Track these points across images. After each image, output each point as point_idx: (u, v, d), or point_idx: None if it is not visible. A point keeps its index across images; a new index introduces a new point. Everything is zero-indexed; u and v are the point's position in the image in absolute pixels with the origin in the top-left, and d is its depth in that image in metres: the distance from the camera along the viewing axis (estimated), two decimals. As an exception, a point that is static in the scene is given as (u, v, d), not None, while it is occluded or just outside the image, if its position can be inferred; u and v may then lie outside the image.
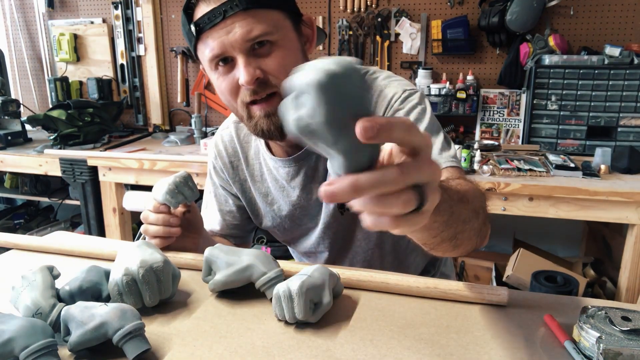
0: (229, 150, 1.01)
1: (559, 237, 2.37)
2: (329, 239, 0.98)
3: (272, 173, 0.97)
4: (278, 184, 0.97)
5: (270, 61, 0.77)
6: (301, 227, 1.00)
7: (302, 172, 0.93)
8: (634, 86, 1.95)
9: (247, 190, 1.02)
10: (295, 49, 0.81)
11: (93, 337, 0.55)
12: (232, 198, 1.04)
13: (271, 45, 0.77)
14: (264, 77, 0.77)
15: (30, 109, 2.76)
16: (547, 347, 0.58)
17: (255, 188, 1.00)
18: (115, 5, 2.68)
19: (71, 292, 0.64)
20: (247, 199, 1.03)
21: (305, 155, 0.91)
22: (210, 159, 1.06)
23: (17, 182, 2.73)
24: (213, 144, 1.05)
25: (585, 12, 2.14)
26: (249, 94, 0.78)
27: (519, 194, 1.69)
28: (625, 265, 1.68)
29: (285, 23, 0.79)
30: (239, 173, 1.01)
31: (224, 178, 1.03)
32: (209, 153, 1.07)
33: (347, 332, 0.61)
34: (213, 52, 0.76)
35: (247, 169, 1.00)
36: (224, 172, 1.03)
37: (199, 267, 0.79)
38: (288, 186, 0.95)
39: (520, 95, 2.21)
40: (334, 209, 0.94)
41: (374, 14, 2.35)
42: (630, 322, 0.54)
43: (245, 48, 0.75)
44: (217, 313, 0.66)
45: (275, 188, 0.97)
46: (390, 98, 0.86)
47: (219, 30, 0.75)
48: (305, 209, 0.96)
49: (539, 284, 1.61)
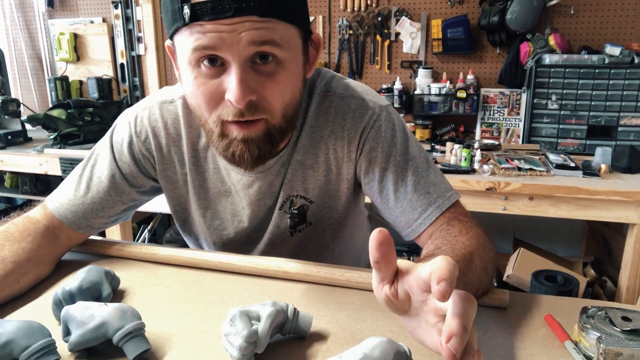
0: (169, 131, 0.82)
1: (559, 237, 2.37)
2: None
3: (221, 173, 0.84)
4: (224, 186, 0.85)
5: (270, 85, 0.65)
6: (237, 241, 0.89)
7: (256, 186, 0.82)
8: (634, 85, 1.94)
9: (178, 182, 0.86)
10: (298, 74, 0.70)
11: (93, 337, 0.55)
12: (135, 192, 0.85)
13: (276, 65, 0.65)
14: (257, 100, 0.65)
15: (30, 108, 2.76)
16: (547, 347, 0.58)
17: (194, 184, 0.85)
18: (115, 5, 2.68)
19: (71, 292, 0.64)
20: (174, 194, 0.87)
21: (266, 169, 0.81)
22: (121, 135, 0.84)
23: (17, 182, 2.72)
24: (135, 118, 0.83)
25: (586, 12, 2.14)
26: (233, 114, 0.65)
27: (519, 193, 1.69)
28: (625, 264, 1.68)
29: (297, 42, 0.68)
30: (174, 160, 0.84)
31: (140, 164, 0.84)
32: (122, 127, 0.84)
33: (347, 333, 0.61)
34: (202, 42, 0.61)
35: (192, 159, 0.83)
36: (147, 157, 0.84)
37: (197, 266, 0.79)
38: (236, 194, 0.84)
39: (521, 94, 2.21)
40: (283, 229, 0.86)
41: (374, 13, 2.35)
42: (630, 322, 0.54)
43: (246, 55, 0.62)
44: (217, 313, 0.66)
45: (218, 190, 0.85)
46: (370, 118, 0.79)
47: (221, 24, 0.60)
48: (249, 223, 0.86)
49: (539, 284, 1.60)
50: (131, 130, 0.83)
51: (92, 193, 0.83)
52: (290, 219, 0.86)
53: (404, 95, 2.32)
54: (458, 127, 2.32)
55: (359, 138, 0.80)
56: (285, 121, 0.70)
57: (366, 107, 0.80)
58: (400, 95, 2.31)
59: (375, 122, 0.79)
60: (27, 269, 0.72)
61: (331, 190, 0.85)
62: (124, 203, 0.86)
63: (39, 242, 0.76)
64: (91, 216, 0.83)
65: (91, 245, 0.86)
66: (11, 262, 0.70)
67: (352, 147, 0.80)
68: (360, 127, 0.79)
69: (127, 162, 0.84)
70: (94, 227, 0.84)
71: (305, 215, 0.86)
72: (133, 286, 0.74)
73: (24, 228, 0.76)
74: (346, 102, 0.80)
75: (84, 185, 0.84)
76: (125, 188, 0.84)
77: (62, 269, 0.80)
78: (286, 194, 0.84)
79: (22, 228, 0.76)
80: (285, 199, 0.84)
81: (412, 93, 2.32)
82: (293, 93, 0.70)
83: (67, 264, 0.82)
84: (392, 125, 0.80)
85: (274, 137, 0.70)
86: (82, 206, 0.82)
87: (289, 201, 0.84)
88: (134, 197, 0.86)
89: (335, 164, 0.82)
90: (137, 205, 0.90)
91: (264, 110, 0.66)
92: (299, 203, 0.85)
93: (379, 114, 0.80)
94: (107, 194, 0.83)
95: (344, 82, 0.83)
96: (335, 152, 0.81)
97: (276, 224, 0.86)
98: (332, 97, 0.81)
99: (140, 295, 0.72)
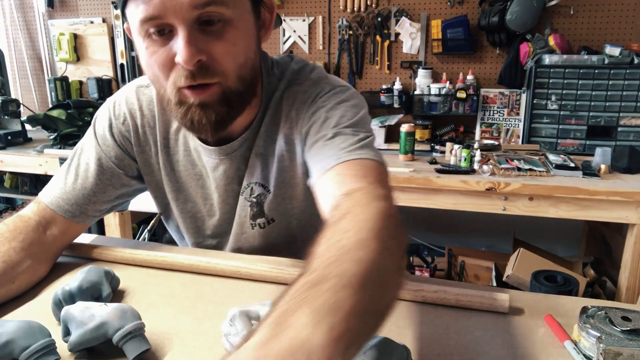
0: (144, 113, 0.84)
1: (559, 237, 2.37)
2: (237, 249, 0.88)
3: (192, 156, 0.84)
4: (195, 169, 0.85)
5: (219, 45, 0.64)
6: (210, 229, 0.89)
7: (221, 169, 0.82)
8: (634, 86, 1.95)
9: (154, 166, 0.87)
10: (249, 34, 0.69)
11: (93, 337, 0.55)
12: (123, 175, 0.86)
13: (223, 24, 0.64)
14: (208, 61, 0.64)
15: (30, 108, 2.76)
16: (547, 347, 0.58)
17: (166, 167, 0.86)
18: (115, 5, 2.68)
19: (71, 292, 0.64)
20: (151, 179, 0.88)
21: (231, 150, 0.80)
22: (102, 121, 0.85)
23: (17, 182, 2.73)
24: (114, 103, 0.85)
25: (586, 12, 2.14)
26: (185, 77, 0.64)
27: (519, 193, 1.69)
28: (625, 265, 1.68)
29: (244, 1, 0.67)
30: (149, 143, 0.85)
31: (123, 147, 0.85)
32: (102, 114, 0.86)
33: (347, 332, 0.61)
34: (147, 13, 0.61)
35: (163, 141, 0.84)
36: (127, 138, 0.85)
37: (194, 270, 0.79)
38: (206, 177, 0.85)
39: (520, 94, 2.21)
40: (244, 218, 0.85)
41: (374, 14, 2.35)
42: (630, 322, 0.54)
43: (190, 18, 0.61)
44: (217, 313, 0.66)
45: (189, 173, 0.86)
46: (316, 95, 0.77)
47: None
48: (219, 208, 0.86)
49: (539, 284, 1.60)
50: (110, 114, 0.85)
51: (81, 179, 0.83)
52: (250, 207, 0.85)
53: (403, 95, 2.32)
54: (458, 127, 2.33)
55: (304, 114, 0.76)
56: (242, 83, 0.69)
57: (318, 85, 0.78)
58: (400, 95, 2.31)
59: (319, 96, 0.76)
60: (20, 268, 0.72)
61: (287, 179, 0.83)
62: (115, 188, 0.86)
63: (31, 240, 0.75)
64: (84, 202, 0.83)
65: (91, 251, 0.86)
66: (2, 262, 0.70)
67: (298, 127, 0.78)
68: (307, 104, 0.77)
69: (110, 145, 0.85)
70: (89, 214, 0.83)
71: (263, 207, 0.85)
72: (133, 286, 0.74)
73: (14, 227, 0.76)
74: (303, 87, 0.79)
75: (73, 173, 0.84)
76: (115, 171, 0.85)
77: (61, 269, 0.80)
78: (247, 180, 0.84)
79: (13, 227, 0.76)
80: (246, 185, 0.84)
81: (412, 93, 2.32)
82: (246, 53, 0.69)
83: (67, 264, 0.82)
84: (339, 100, 0.76)
85: (230, 100, 0.69)
86: (73, 193, 0.82)
87: (249, 188, 0.84)
88: (124, 181, 0.86)
89: (287, 149, 0.81)
90: (131, 193, 0.90)
91: (215, 72, 0.65)
92: (257, 191, 0.84)
93: (328, 91, 0.77)
94: (97, 178, 0.83)
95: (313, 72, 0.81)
96: (288, 136, 0.80)
97: (239, 213, 0.86)
98: (299, 84, 0.79)
99: (140, 295, 0.72)
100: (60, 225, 0.81)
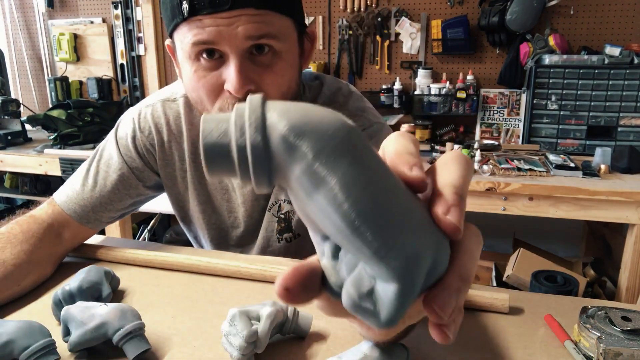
0: (171, 127, 0.84)
1: (559, 237, 2.37)
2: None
3: None
4: (221, 183, 0.86)
5: (268, 76, 0.67)
6: (233, 240, 0.91)
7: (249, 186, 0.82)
8: (634, 86, 1.95)
9: (177, 179, 0.87)
10: (294, 65, 0.72)
11: (93, 337, 0.55)
12: (142, 186, 0.86)
13: (273, 55, 0.67)
14: (256, 90, 0.66)
15: (30, 108, 2.76)
16: (547, 347, 0.58)
17: (194, 180, 0.86)
18: (115, 5, 2.68)
19: (71, 292, 0.64)
20: (173, 191, 0.88)
21: None
22: (125, 131, 0.85)
23: (17, 182, 2.73)
24: (139, 115, 0.85)
25: (585, 12, 2.14)
26: (232, 105, 0.65)
27: (519, 193, 1.69)
28: (625, 265, 1.68)
29: (293, 34, 0.70)
30: (174, 157, 0.85)
31: (145, 159, 0.85)
32: (126, 124, 0.86)
33: (347, 333, 0.61)
34: (201, 37, 0.64)
35: (191, 156, 0.85)
36: (151, 152, 0.85)
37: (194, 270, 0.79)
38: (232, 191, 0.86)
39: (520, 95, 2.21)
40: (270, 232, 0.86)
41: (374, 14, 2.35)
42: (630, 322, 0.54)
43: (243, 48, 0.64)
44: (217, 313, 0.66)
45: (216, 187, 0.87)
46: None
47: (218, 18, 0.63)
48: (244, 222, 0.88)
49: (539, 284, 1.60)
50: (135, 126, 0.85)
51: (99, 187, 0.83)
52: (277, 223, 0.87)
53: (403, 95, 2.32)
54: (458, 127, 2.33)
55: None
56: None
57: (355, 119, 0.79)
58: (400, 95, 2.31)
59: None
60: (27, 271, 0.72)
61: None
62: (131, 197, 0.86)
63: (42, 244, 0.75)
64: (100, 210, 0.83)
65: (92, 251, 0.86)
66: (12, 265, 0.70)
67: None
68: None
69: (132, 156, 0.85)
70: (102, 221, 0.85)
71: (291, 223, 0.87)
72: (133, 286, 0.74)
73: (27, 229, 0.76)
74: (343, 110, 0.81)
75: (92, 180, 0.84)
76: (133, 182, 0.85)
77: (62, 269, 0.80)
78: (275, 196, 0.85)
79: (26, 229, 0.76)
80: (275, 201, 0.85)
81: (412, 93, 2.32)
82: (290, 84, 0.71)
83: (67, 265, 0.82)
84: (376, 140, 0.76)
85: None
86: (90, 200, 0.83)
87: (277, 205, 0.85)
88: (141, 191, 0.87)
89: None
90: (143, 201, 0.91)
91: None
92: (286, 208, 0.86)
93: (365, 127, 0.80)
94: (115, 188, 0.84)
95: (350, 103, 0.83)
96: None
97: (265, 227, 0.87)
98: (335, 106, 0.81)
99: (140, 295, 0.72)
100: (73, 230, 0.82)
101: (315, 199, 0.21)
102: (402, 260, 0.20)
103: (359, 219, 0.20)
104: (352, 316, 0.25)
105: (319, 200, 0.21)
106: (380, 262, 0.20)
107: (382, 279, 0.21)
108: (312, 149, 0.21)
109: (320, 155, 0.21)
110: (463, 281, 0.23)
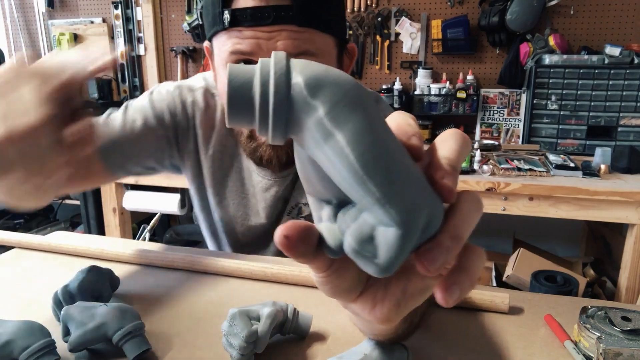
0: (209, 116, 0.83)
1: (559, 237, 2.37)
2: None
3: (242, 173, 0.84)
4: (243, 187, 0.85)
5: None
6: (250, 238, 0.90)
7: (273, 190, 0.82)
8: (634, 86, 1.95)
9: (197, 170, 0.86)
10: None
11: (93, 337, 0.55)
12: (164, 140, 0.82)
13: None
14: None
15: (30, 108, 2.76)
16: (547, 347, 0.58)
17: (214, 176, 0.85)
18: (115, 5, 2.69)
19: (71, 292, 0.64)
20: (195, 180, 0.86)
21: (287, 174, 0.81)
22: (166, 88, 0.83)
23: (17, 182, 2.72)
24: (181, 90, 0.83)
25: (586, 12, 2.14)
26: None
27: (519, 193, 1.69)
28: (625, 265, 1.68)
29: (333, 51, 0.70)
30: (200, 146, 0.84)
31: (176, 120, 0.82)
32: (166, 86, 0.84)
33: (347, 333, 0.61)
34: (240, 47, 0.64)
35: (218, 154, 0.84)
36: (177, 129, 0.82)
37: (195, 270, 0.79)
38: (252, 197, 0.85)
39: (520, 95, 2.21)
40: None
41: (374, 14, 2.35)
42: (630, 322, 0.54)
43: None
44: (217, 313, 0.66)
45: (237, 189, 0.86)
46: None
47: (259, 31, 0.63)
48: (262, 225, 0.87)
49: (539, 284, 1.60)
50: (175, 95, 0.82)
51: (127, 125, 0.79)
52: None
53: (403, 95, 2.32)
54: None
55: None
56: None
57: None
58: (400, 95, 2.31)
59: None
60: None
61: None
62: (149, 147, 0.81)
63: None
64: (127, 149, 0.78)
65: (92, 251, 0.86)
66: None
67: None
68: None
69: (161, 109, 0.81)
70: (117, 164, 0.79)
71: None
72: (133, 286, 0.74)
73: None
74: None
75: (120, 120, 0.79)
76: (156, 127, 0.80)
77: (62, 269, 0.80)
78: (295, 199, 0.85)
79: None
80: (294, 204, 0.85)
81: (412, 93, 2.32)
82: None
83: (67, 264, 0.82)
84: None
85: None
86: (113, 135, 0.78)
87: (297, 208, 0.85)
88: (161, 145, 0.82)
89: None
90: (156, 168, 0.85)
91: None
92: (306, 212, 0.85)
93: None
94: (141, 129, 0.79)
95: None
96: None
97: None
98: None
99: (140, 295, 0.72)
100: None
101: (327, 147, 0.23)
102: (403, 207, 0.22)
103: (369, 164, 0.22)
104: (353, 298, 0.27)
105: (330, 147, 0.23)
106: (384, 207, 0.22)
107: (384, 224, 0.23)
108: (331, 99, 0.23)
109: (337, 105, 0.23)
110: (453, 240, 0.24)
